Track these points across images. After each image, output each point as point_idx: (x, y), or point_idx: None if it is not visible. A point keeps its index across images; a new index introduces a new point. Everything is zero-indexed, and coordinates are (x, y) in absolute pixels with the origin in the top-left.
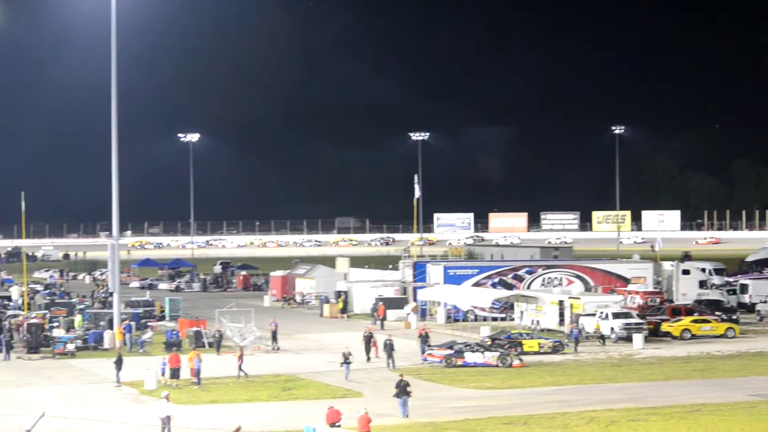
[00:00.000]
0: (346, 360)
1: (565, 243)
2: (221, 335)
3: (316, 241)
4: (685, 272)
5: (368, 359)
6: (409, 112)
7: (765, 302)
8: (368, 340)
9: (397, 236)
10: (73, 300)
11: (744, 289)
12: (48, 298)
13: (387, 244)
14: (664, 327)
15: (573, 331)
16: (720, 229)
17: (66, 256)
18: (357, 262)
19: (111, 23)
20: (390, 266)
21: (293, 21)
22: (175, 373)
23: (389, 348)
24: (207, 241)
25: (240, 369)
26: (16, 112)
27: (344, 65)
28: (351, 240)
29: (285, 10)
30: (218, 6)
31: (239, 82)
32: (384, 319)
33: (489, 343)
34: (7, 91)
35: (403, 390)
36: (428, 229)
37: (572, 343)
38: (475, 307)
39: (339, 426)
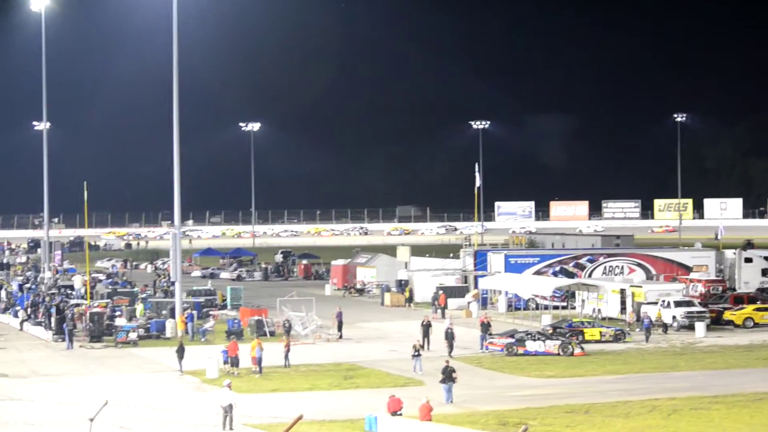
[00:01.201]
0: (417, 352)
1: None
2: (291, 325)
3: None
4: (748, 260)
5: (426, 348)
6: (469, 101)
7: None
8: (426, 328)
9: (458, 224)
10: (136, 289)
11: None
12: (110, 287)
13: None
14: (727, 315)
15: (644, 320)
16: None
17: (128, 245)
18: (418, 250)
19: (172, 14)
20: (451, 255)
21: (354, 11)
22: (234, 362)
23: (450, 336)
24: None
25: (286, 357)
26: (79, 103)
27: (406, 54)
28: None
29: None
30: None
31: (301, 71)
32: (445, 307)
33: (550, 331)
34: (70, 82)
35: (449, 376)
36: (489, 217)
37: (633, 331)
38: (537, 296)
39: (400, 415)
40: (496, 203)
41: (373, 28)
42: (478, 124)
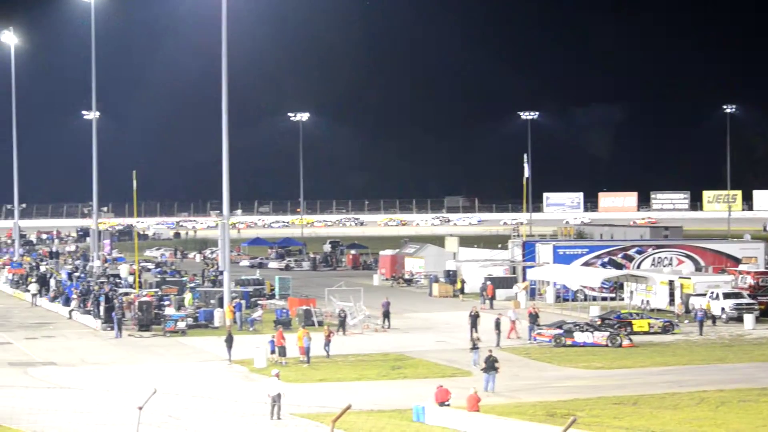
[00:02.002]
0: (475, 345)
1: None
2: (346, 315)
3: (399, 221)
4: None
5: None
6: (518, 91)
7: None
8: (474, 319)
9: (507, 216)
10: (184, 278)
11: None
12: (159, 276)
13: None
14: None
15: (697, 313)
16: None
17: (177, 234)
18: (466, 241)
19: (222, 4)
20: (499, 245)
21: (404, 3)
22: (282, 351)
23: (498, 327)
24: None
25: (326, 347)
26: (128, 92)
27: (454, 44)
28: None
29: None
30: None
31: (349, 62)
32: (493, 298)
33: (598, 322)
34: (119, 71)
35: (491, 365)
36: (537, 208)
37: (681, 323)
38: (585, 287)
39: (448, 405)
40: (545, 194)
41: (422, 18)
42: (526, 115)
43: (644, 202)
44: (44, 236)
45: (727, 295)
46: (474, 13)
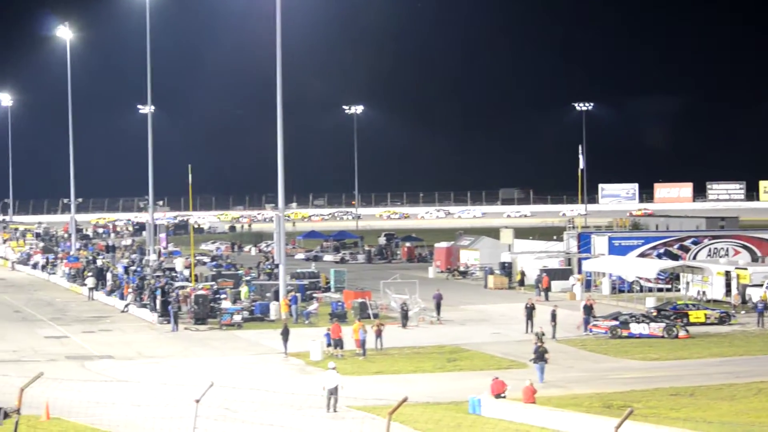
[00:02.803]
0: (540, 340)
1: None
2: (408, 308)
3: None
4: None
5: (529, 331)
6: (573, 82)
7: None
8: (530, 311)
9: (563, 207)
10: (240, 272)
11: None
12: (215, 269)
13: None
14: None
15: (758, 305)
16: None
17: (232, 228)
18: (521, 233)
19: None
20: (554, 237)
21: None
22: (338, 344)
23: (553, 319)
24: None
25: (378, 339)
26: (184, 86)
27: (509, 35)
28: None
29: None
30: None
31: (404, 54)
32: (548, 290)
33: (654, 314)
34: (175, 65)
35: (540, 356)
36: (593, 200)
37: (738, 314)
38: (641, 278)
39: (504, 397)
40: (600, 185)
41: (475, 8)
42: (581, 106)
43: (700, 193)
44: (100, 230)
45: None
46: (528, 3)
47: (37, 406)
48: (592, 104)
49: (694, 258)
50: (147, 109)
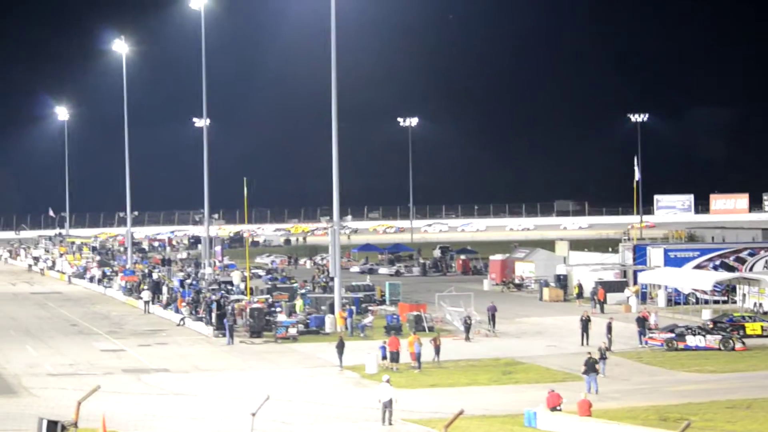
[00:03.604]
0: (603, 355)
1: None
2: (471, 321)
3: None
4: None
5: (584, 343)
6: (628, 93)
7: None
8: (585, 323)
9: (617, 219)
10: (295, 285)
11: None
12: (270, 282)
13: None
14: None
15: None
16: None
17: (287, 241)
18: (576, 245)
19: (330, 8)
20: (610, 249)
21: (509, 7)
22: (394, 357)
23: (608, 330)
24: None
25: (436, 353)
26: (238, 99)
27: (563, 45)
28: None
29: None
30: None
31: (457, 66)
32: (604, 302)
33: (711, 326)
34: (229, 77)
35: (591, 367)
36: (648, 211)
37: None
38: (696, 290)
39: (560, 410)
40: (656, 197)
41: (530, 20)
42: (636, 117)
43: (756, 204)
44: (156, 244)
45: None
46: (582, 14)
47: (94, 419)
48: (647, 115)
49: (751, 270)
50: (203, 122)
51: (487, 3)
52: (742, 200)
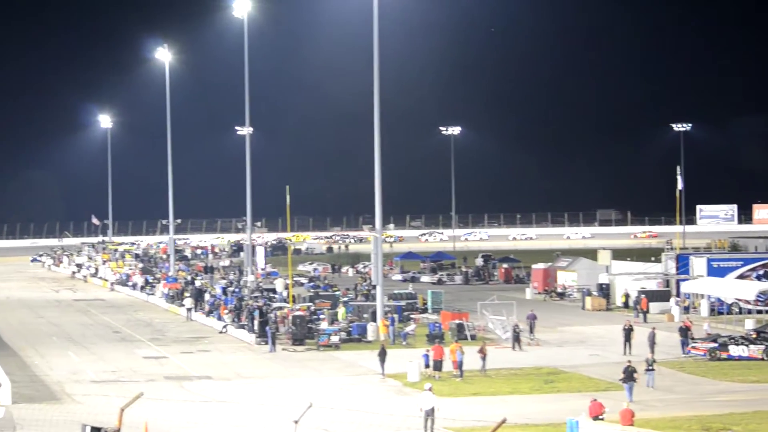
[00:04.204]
0: (650, 367)
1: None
2: (520, 330)
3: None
4: None
5: (627, 352)
6: (670, 102)
7: None
8: (628, 333)
9: (659, 229)
10: (337, 293)
11: None
12: (312, 290)
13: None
14: None
15: None
16: None
17: (329, 249)
18: (619, 254)
19: (373, 18)
20: (652, 258)
21: (549, 17)
22: (437, 365)
23: (651, 340)
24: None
25: (483, 361)
26: (281, 107)
27: (606, 56)
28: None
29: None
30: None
31: (498, 76)
32: (646, 311)
33: (754, 336)
34: (272, 86)
35: (629, 376)
36: (691, 221)
37: None
38: (740, 300)
39: (602, 419)
40: (698, 206)
41: (572, 30)
42: (679, 127)
43: None
44: (199, 251)
45: None
46: (625, 23)
47: (137, 426)
48: (690, 125)
49: None
50: (245, 131)
51: (530, 14)
52: None
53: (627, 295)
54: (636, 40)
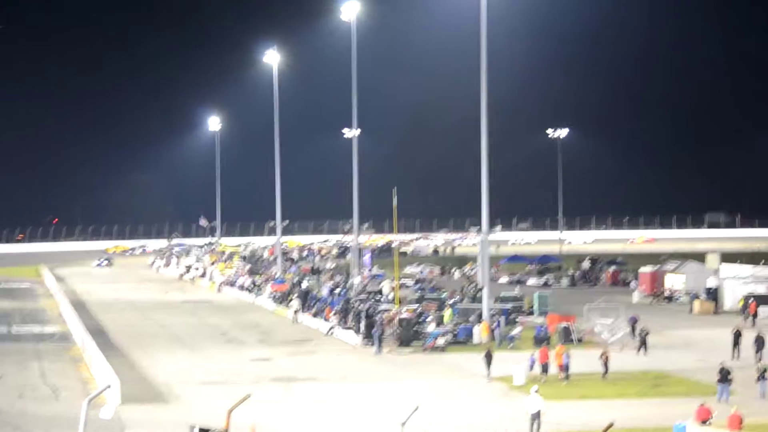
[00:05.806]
0: (762, 375)
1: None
2: (647, 332)
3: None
4: None
5: (735, 357)
6: None
7: None
8: (737, 337)
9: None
10: (443, 295)
11: None
12: (418, 292)
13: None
14: None
15: None
16: None
17: (435, 251)
18: (728, 257)
19: (481, 20)
20: (762, 261)
21: (665, 22)
22: (544, 369)
23: (760, 343)
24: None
25: (605, 366)
26: (388, 109)
27: (715, 58)
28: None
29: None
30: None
31: (610, 78)
32: (755, 316)
33: None
34: (379, 88)
35: (724, 377)
36: None
37: None
38: None
39: (710, 424)
40: None
41: (684, 30)
42: None
43: None
44: (305, 253)
45: None
46: (738, 25)
47: (244, 428)
48: None
49: None
50: (352, 133)
51: (644, 19)
52: None
53: (746, 299)
54: (748, 41)
